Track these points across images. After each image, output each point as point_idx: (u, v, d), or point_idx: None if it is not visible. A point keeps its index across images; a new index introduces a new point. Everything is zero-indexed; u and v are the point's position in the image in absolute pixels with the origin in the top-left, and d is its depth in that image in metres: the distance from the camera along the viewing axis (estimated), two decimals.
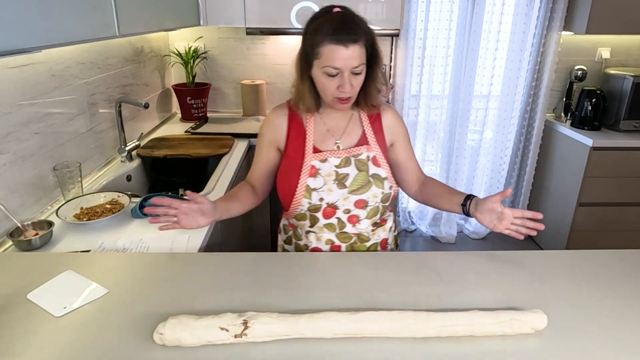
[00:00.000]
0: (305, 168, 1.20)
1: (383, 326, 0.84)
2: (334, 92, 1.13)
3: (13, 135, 1.30)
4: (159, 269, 1.07)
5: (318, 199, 1.21)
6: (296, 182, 1.20)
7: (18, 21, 0.90)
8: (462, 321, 0.85)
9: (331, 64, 1.08)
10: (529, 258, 1.14)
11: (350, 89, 1.12)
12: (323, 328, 0.83)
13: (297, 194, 1.21)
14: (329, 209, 1.23)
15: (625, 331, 0.88)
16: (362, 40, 1.09)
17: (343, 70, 1.09)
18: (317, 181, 1.20)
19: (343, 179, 1.21)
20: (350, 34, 1.07)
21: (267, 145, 1.29)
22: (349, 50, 1.07)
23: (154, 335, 0.82)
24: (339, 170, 1.21)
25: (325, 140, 1.24)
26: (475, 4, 2.66)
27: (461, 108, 2.88)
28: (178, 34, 2.66)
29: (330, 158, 1.21)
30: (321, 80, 1.13)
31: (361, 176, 1.21)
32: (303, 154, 1.22)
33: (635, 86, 2.57)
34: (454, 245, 3.11)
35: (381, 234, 1.32)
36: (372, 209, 1.25)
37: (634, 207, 2.70)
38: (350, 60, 1.08)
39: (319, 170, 1.21)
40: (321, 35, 1.08)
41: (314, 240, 1.27)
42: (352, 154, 1.22)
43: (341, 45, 1.06)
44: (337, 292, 0.98)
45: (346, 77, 1.10)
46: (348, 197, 1.21)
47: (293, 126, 1.25)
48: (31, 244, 1.20)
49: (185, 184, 2.04)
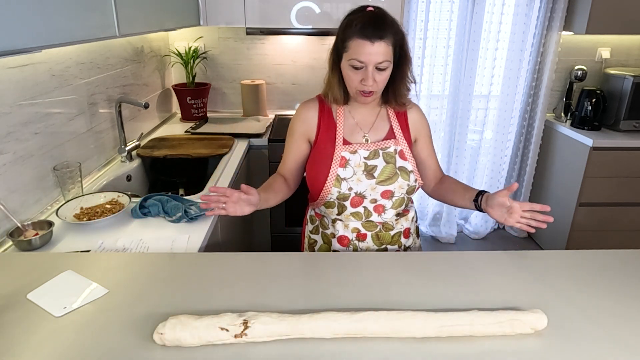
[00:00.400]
0: (335, 158, 1.26)
1: (383, 326, 0.84)
2: (358, 85, 1.19)
3: (13, 135, 1.30)
4: (159, 269, 1.07)
5: (347, 188, 1.26)
6: (327, 171, 1.26)
7: (18, 21, 0.90)
8: (462, 321, 0.85)
9: (357, 57, 1.14)
10: (529, 258, 1.14)
11: (372, 84, 1.17)
12: (323, 328, 0.83)
13: (327, 183, 1.26)
14: (357, 198, 1.28)
15: (625, 331, 0.88)
16: (389, 39, 1.14)
17: (367, 65, 1.15)
18: (346, 171, 1.26)
19: (372, 170, 1.27)
20: (376, 31, 1.12)
21: (299, 139, 1.33)
22: (374, 46, 1.13)
23: (154, 335, 0.82)
24: (367, 162, 1.27)
25: (354, 134, 1.30)
26: (475, 4, 2.66)
27: (461, 108, 2.88)
28: (178, 34, 2.66)
29: (359, 150, 1.27)
30: (347, 72, 1.20)
31: (389, 168, 1.27)
32: (334, 145, 1.27)
33: (635, 86, 2.57)
34: (454, 245, 3.11)
35: (404, 224, 1.37)
36: (398, 200, 1.30)
37: (634, 207, 2.70)
38: (375, 55, 1.13)
39: (349, 161, 1.26)
40: (350, 30, 1.15)
41: (340, 228, 1.33)
42: (380, 147, 1.28)
43: (367, 41, 1.12)
44: (337, 292, 0.98)
45: (370, 72, 1.15)
46: (376, 187, 1.27)
47: (323, 119, 1.31)
48: (31, 244, 1.20)
49: (185, 184, 2.04)
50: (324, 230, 1.37)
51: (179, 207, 1.39)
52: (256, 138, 2.32)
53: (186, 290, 0.99)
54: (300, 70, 2.77)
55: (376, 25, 1.13)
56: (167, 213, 1.39)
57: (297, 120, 1.34)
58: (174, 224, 1.37)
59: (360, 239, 1.32)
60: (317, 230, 1.40)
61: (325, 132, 1.30)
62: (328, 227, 1.36)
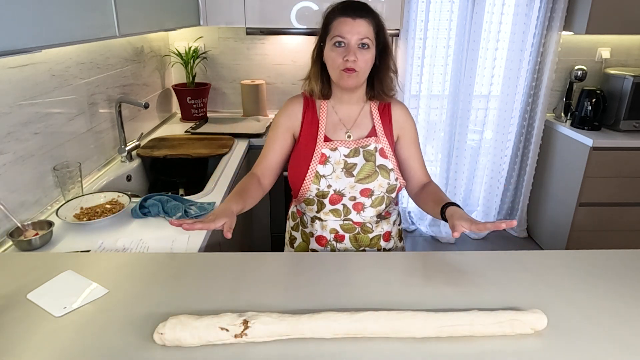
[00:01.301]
0: (316, 155, 1.26)
1: (383, 326, 0.84)
2: (340, 63, 1.18)
3: (13, 135, 1.30)
4: (159, 269, 1.07)
5: (326, 185, 1.26)
6: (306, 168, 1.26)
7: (18, 21, 0.90)
8: (462, 321, 0.85)
9: (339, 33, 1.17)
10: (529, 258, 1.14)
11: (355, 59, 1.17)
12: (323, 328, 0.83)
13: (306, 180, 1.26)
14: (336, 196, 1.28)
15: (625, 331, 0.88)
16: (370, 19, 1.18)
17: (350, 40, 1.17)
18: (326, 168, 1.26)
19: (351, 168, 1.26)
20: (357, 10, 1.18)
21: (284, 132, 1.32)
22: (356, 23, 1.17)
23: (154, 335, 0.82)
24: (347, 160, 1.26)
25: (336, 130, 1.30)
26: (475, 4, 2.66)
27: (461, 108, 2.88)
28: (178, 34, 2.66)
29: (340, 147, 1.27)
30: (330, 54, 1.20)
31: (368, 166, 1.26)
32: (315, 142, 1.27)
33: (635, 86, 2.57)
34: (454, 245, 3.11)
35: (385, 227, 1.35)
36: (378, 198, 1.29)
37: (634, 207, 2.70)
38: (357, 32, 1.16)
39: (329, 158, 1.26)
40: (332, 14, 1.21)
41: (319, 228, 1.33)
42: (361, 145, 1.28)
43: (348, 17, 1.17)
44: (337, 292, 0.98)
45: (352, 47, 1.17)
46: (355, 185, 1.26)
47: (307, 114, 1.31)
48: (31, 244, 1.20)
49: (185, 184, 2.04)
50: (303, 228, 1.38)
51: (179, 207, 1.39)
52: (256, 138, 2.32)
53: (186, 290, 0.99)
54: (300, 70, 2.77)
55: (357, 5, 1.19)
56: (167, 213, 1.39)
57: (283, 115, 1.33)
58: None
59: (338, 239, 1.33)
60: (298, 227, 1.40)
61: (308, 127, 1.30)
62: (307, 226, 1.36)
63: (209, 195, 1.60)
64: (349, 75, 1.19)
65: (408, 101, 2.86)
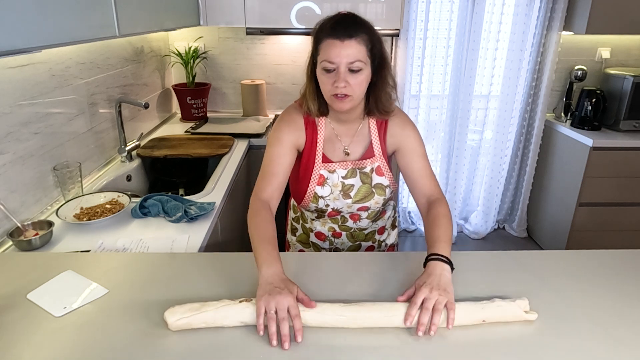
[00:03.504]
0: (314, 176, 1.24)
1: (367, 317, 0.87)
2: (330, 88, 1.10)
3: (13, 135, 1.30)
4: (159, 269, 1.07)
5: (324, 204, 1.27)
6: (305, 187, 1.25)
7: (18, 21, 0.90)
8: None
9: (327, 58, 1.07)
10: (529, 258, 1.14)
11: (345, 86, 1.08)
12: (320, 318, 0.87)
13: (306, 198, 1.27)
14: (334, 212, 1.30)
15: (626, 331, 0.88)
16: (361, 37, 1.07)
17: (339, 65, 1.07)
18: (324, 190, 1.25)
19: (348, 189, 1.25)
20: (346, 30, 1.06)
21: (291, 149, 1.22)
22: (345, 45, 1.06)
23: (165, 313, 0.85)
24: (345, 182, 1.25)
25: (335, 147, 1.25)
26: (475, 4, 2.66)
27: (461, 108, 2.88)
28: (178, 34, 2.66)
29: (338, 169, 1.24)
30: (320, 77, 1.12)
31: (364, 188, 1.26)
32: (314, 161, 1.24)
33: (635, 86, 2.57)
34: (454, 245, 3.11)
35: (379, 223, 1.39)
36: (374, 212, 1.33)
37: (634, 207, 2.70)
38: (346, 56, 1.06)
39: (327, 179, 1.25)
40: (321, 33, 1.10)
41: (318, 225, 1.37)
42: (358, 166, 1.25)
43: (337, 40, 1.06)
44: (336, 290, 0.99)
45: (341, 73, 1.07)
46: (352, 205, 1.27)
47: (309, 129, 1.24)
48: (31, 244, 1.20)
49: (185, 184, 2.04)
50: (303, 222, 1.41)
51: (179, 207, 1.39)
52: (256, 138, 2.32)
53: (186, 290, 0.99)
54: (300, 70, 2.75)
55: (346, 24, 1.08)
56: (167, 213, 1.39)
57: (286, 129, 1.22)
58: (174, 224, 1.37)
59: (335, 236, 1.37)
60: (299, 220, 1.43)
61: (309, 144, 1.24)
62: (307, 222, 1.40)
63: (209, 195, 1.60)
64: (342, 101, 1.11)
65: (408, 101, 2.86)
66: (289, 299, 0.86)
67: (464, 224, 3.28)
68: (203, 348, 0.82)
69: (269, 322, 0.83)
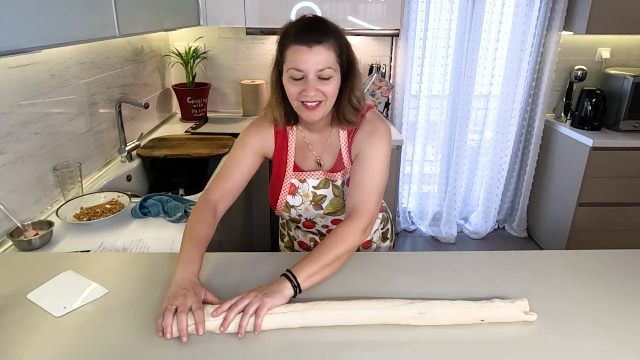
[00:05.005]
0: (285, 185, 1.22)
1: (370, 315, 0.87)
2: (299, 96, 1.04)
3: (13, 135, 1.30)
4: (159, 269, 1.07)
5: (297, 214, 1.25)
6: (277, 196, 1.23)
7: (18, 21, 0.90)
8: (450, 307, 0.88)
9: (294, 65, 1.01)
10: (529, 258, 1.14)
11: (315, 94, 1.03)
12: (319, 317, 0.87)
13: (278, 207, 1.25)
14: (308, 223, 1.29)
15: (626, 331, 0.88)
16: (329, 43, 1.01)
17: (307, 73, 1.01)
18: (295, 199, 1.22)
19: (320, 200, 1.21)
20: (314, 35, 1.00)
21: (254, 154, 1.18)
22: (312, 52, 1.00)
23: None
24: (317, 192, 1.21)
25: (306, 156, 1.21)
26: (475, 4, 2.66)
27: (461, 108, 2.88)
28: (178, 34, 2.66)
29: (308, 179, 1.20)
30: (287, 86, 1.06)
31: (336, 201, 1.20)
32: (285, 170, 1.21)
33: (635, 86, 2.57)
34: (454, 245, 3.11)
35: None
36: None
37: (634, 207, 2.70)
38: (314, 62, 1.00)
39: (298, 189, 1.22)
40: (287, 39, 1.03)
41: (300, 234, 1.38)
42: (330, 177, 1.20)
43: (304, 46, 1.00)
44: (336, 291, 0.98)
45: (311, 81, 1.02)
46: (325, 217, 1.24)
47: (279, 138, 1.21)
48: (31, 244, 1.20)
49: (185, 184, 2.04)
50: (288, 230, 1.42)
51: (179, 207, 1.40)
52: None
53: None
54: None
55: (313, 29, 1.01)
56: (167, 213, 1.39)
57: (253, 136, 1.19)
58: (174, 224, 1.37)
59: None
60: (285, 227, 1.45)
61: (279, 152, 1.21)
62: (291, 230, 1.40)
63: None
64: (312, 111, 1.05)
65: (408, 101, 2.86)
66: (194, 299, 0.87)
67: (464, 224, 3.28)
68: (202, 349, 0.82)
69: (166, 315, 0.84)
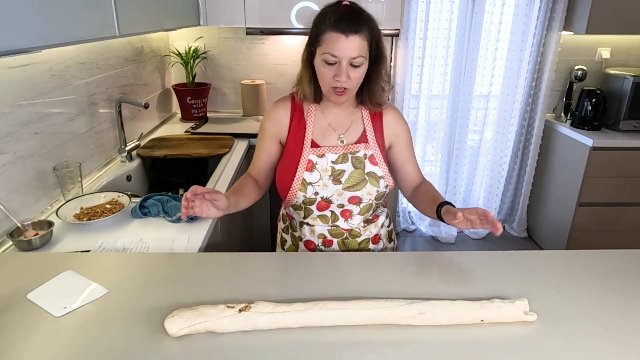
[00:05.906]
0: (302, 161, 1.22)
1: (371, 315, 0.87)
2: (330, 81, 1.13)
3: (13, 135, 1.30)
4: (159, 269, 1.07)
5: (313, 192, 1.23)
6: (293, 174, 1.22)
7: (18, 21, 0.90)
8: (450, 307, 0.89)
9: (330, 51, 1.09)
10: (529, 258, 1.14)
11: (346, 80, 1.11)
12: (320, 318, 0.87)
13: (293, 187, 1.23)
14: (323, 203, 1.25)
15: (626, 331, 0.88)
16: (364, 34, 1.09)
17: (341, 60, 1.09)
18: (313, 175, 1.22)
19: (339, 175, 1.23)
20: (352, 24, 1.08)
21: (270, 139, 1.29)
22: (349, 40, 1.08)
23: (165, 321, 0.84)
24: (335, 167, 1.23)
25: (325, 135, 1.25)
26: (475, 4, 2.66)
27: (461, 108, 2.88)
28: (178, 34, 2.66)
29: (327, 153, 1.23)
30: (320, 68, 1.14)
31: (357, 173, 1.23)
32: (302, 148, 1.23)
33: (635, 86, 2.57)
34: (454, 245, 3.11)
35: (373, 230, 1.33)
36: (366, 206, 1.28)
37: (634, 207, 2.70)
38: (349, 50, 1.08)
39: (316, 164, 1.22)
40: (324, 24, 1.10)
41: (307, 233, 1.31)
42: (350, 150, 1.23)
43: (341, 34, 1.07)
44: (334, 290, 0.98)
45: (343, 67, 1.10)
46: (342, 192, 1.23)
47: (295, 119, 1.26)
48: (31, 244, 1.20)
49: (185, 184, 2.04)
50: (292, 231, 1.37)
51: (179, 207, 1.39)
52: (256, 138, 2.31)
53: (186, 290, 0.99)
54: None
55: (351, 18, 1.09)
56: (167, 213, 1.39)
57: (268, 120, 1.30)
58: (174, 224, 1.37)
59: (326, 244, 1.31)
60: (288, 230, 1.39)
61: (295, 133, 1.25)
62: (296, 230, 1.35)
63: None
64: (340, 95, 1.15)
65: (408, 101, 2.86)
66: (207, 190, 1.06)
67: None
68: (203, 349, 0.82)
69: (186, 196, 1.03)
